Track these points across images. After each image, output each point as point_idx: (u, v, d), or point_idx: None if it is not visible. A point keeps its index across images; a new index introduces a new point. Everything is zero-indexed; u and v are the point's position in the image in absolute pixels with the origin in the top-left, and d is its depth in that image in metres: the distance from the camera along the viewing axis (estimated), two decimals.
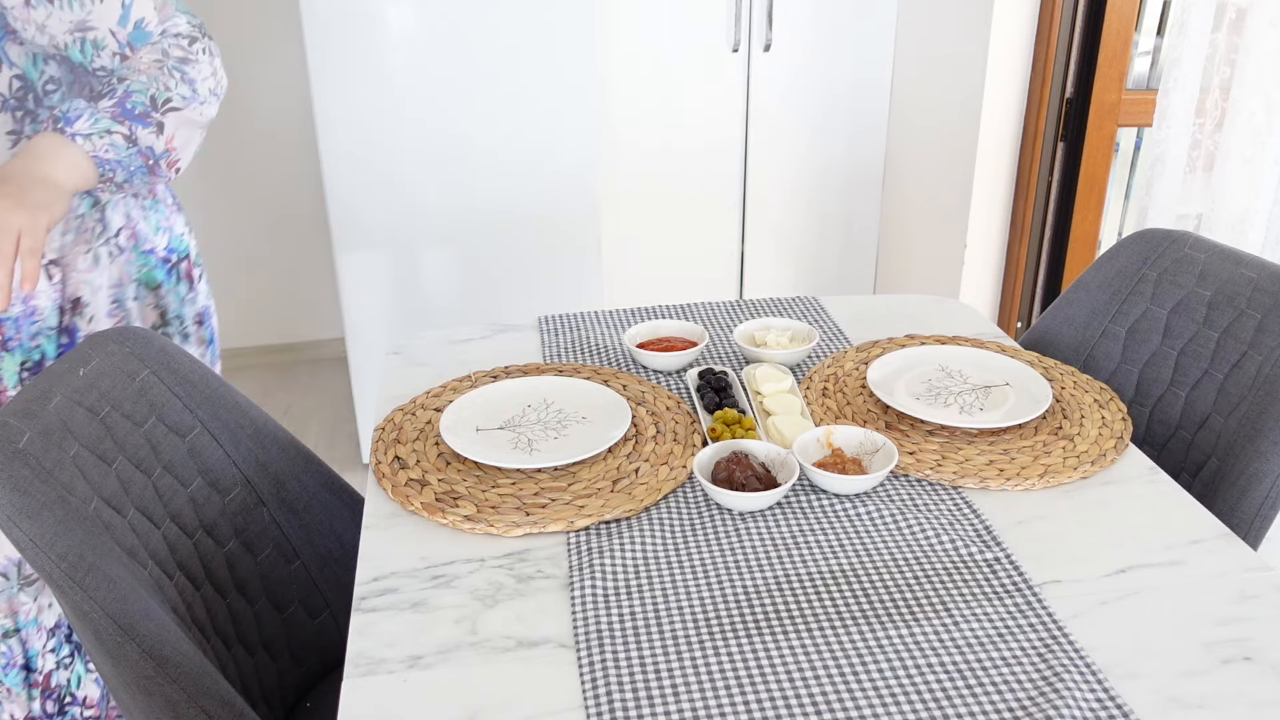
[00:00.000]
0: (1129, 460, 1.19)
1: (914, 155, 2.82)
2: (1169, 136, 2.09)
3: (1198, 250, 1.47)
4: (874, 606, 0.93)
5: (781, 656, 0.87)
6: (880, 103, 2.90)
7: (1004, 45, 2.36)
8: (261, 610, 1.18)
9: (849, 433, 1.17)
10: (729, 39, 2.74)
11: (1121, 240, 1.57)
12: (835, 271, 3.11)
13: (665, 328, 1.47)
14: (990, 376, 1.36)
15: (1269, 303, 1.34)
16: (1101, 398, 1.31)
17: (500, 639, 0.91)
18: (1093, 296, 1.55)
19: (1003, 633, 0.90)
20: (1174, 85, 2.05)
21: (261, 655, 1.17)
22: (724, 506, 1.08)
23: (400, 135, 2.40)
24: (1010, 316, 2.62)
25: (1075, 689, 0.83)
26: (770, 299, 1.66)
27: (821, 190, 2.99)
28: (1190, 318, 1.42)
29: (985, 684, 0.84)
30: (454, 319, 2.59)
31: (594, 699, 0.83)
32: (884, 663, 0.86)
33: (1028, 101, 2.42)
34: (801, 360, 1.42)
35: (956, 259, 2.60)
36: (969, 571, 0.98)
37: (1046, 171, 2.45)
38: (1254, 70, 1.88)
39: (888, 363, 1.38)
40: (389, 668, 0.87)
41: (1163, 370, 1.43)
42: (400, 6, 2.30)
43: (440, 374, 1.41)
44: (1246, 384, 1.31)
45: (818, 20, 2.77)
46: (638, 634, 0.90)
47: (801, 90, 2.85)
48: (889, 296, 1.70)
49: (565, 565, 1.00)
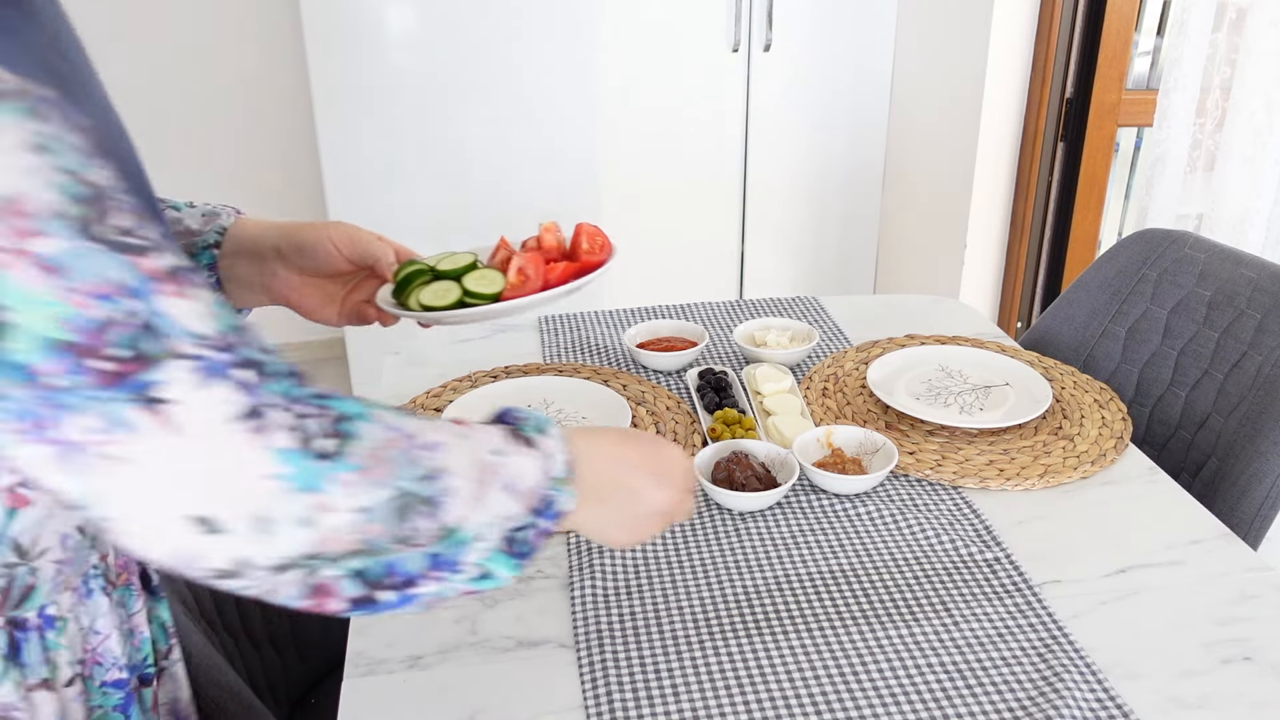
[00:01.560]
0: (1129, 460, 1.19)
1: (914, 155, 2.82)
2: (1169, 136, 2.09)
3: (1198, 250, 1.47)
4: (874, 606, 0.93)
5: (781, 656, 0.87)
6: (880, 102, 2.90)
7: (1004, 45, 2.36)
8: (269, 605, 1.18)
9: (849, 433, 1.17)
10: (729, 39, 2.74)
11: (1121, 240, 1.57)
12: (835, 271, 3.11)
13: (665, 328, 1.47)
14: (990, 376, 1.35)
15: (1269, 303, 1.33)
16: (1101, 398, 1.31)
17: (500, 639, 0.91)
18: (1093, 296, 1.55)
19: (1003, 633, 0.90)
20: (1174, 85, 2.05)
21: (268, 650, 1.17)
22: (724, 506, 1.08)
23: (400, 136, 2.40)
24: (1010, 316, 2.62)
25: (1075, 689, 0.83)
26: (770, 299, 1.66)
27: (821, 190, 2.99)
28: (1190, 318, 1.42)
29: (985, 684, 0.84)
30: None
31: (594, 699, 0.83)
32: (884, 663, 0.86)
33: (1028, 101, 2.42)
34: (801, 360, 1.42)
35: (956, 259, 2.60)
36: (969, 571, 0.98)
37: (1046, 171, 2.45)
38: (1254, 70, 1.88)
39: (888, 363, 1.38)
40: (389, 667, 0.87)
41: (1163, 370, 1.43)
42: (400, 7, 2.30)
43: (440, 374, 1.41)
44: (1246, 384, 1.31)
45: (818, 20, 2.77)
46: (638, 634, 0.90)
47: (801, 90, 2.85)
48: (889, 296, 1.70)
49: (565, 565, 1.00)
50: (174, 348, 0.51)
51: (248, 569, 0.55)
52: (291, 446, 0.53)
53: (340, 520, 0.55)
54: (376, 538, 0.57)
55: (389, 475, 0.57)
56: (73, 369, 0.48)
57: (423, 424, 0.61)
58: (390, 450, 0.58)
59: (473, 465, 0.62)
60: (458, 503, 0.61)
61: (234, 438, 0.52)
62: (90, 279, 0.49)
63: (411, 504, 0.58)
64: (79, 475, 0.51)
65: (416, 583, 0.61)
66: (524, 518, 0.65)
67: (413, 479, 0.58)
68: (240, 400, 0.52)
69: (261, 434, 0.52)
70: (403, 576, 0.60)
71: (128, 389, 0.49)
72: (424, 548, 0.60)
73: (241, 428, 0.52)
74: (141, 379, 0.50)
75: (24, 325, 0.47)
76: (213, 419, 0.51)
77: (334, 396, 0.58)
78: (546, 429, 0.69)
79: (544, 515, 0.66)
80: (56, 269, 0.48)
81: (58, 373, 0.48)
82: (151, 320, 0.50)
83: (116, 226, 0.50)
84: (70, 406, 0.49)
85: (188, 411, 0.50)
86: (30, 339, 0.48)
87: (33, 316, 0.47)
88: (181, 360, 0.50)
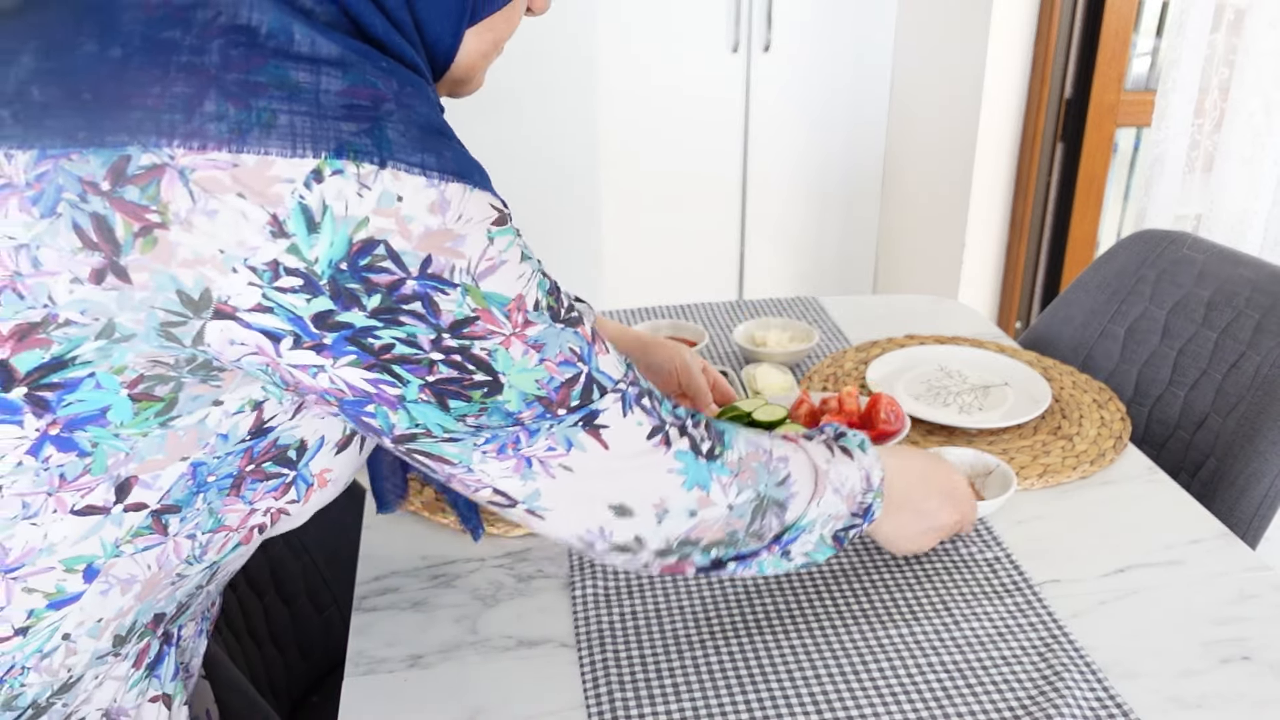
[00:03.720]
0: (1128, 460, 1.19)
1: (913, 155, 2.83)
2: (1168, 137, 2.09)
3: (1196, 250, 1.47)
4: (874, 606, 0.93)
5: (782, 656, 0.87)
6: (880, 103, 2.90)
7: (1003, 46, 2.36)
8: (270, 604, 1.18)
9: (959, 455, 1.10)
10: (729, 39, 2.74)
11: (1120, 240, 1.57)
12: (835, 271, 3.11)
13: (665, 328, 1.47)
14: (989, 376, 1.36)
15: (1267, 303, 1.34)
16: (1100, 397, 1.32)
17: (501, 638, 0.91)
18: (1092, 296, 1.55)
19: (1003, 632, 0.90)
20: (1173, 86, 2.05)
21: (269, 648, 1.17)
22: None
23: None
24: (1009, 316, 2.62)
25: (1075, 688, 0.83)
26: (770, 299, 1.66)
27: (821, 190, 2.99)
28: (1189, 318, 1.43)
29: (985, 683, 0.84)
30: None
31: (594, 699, 0.83)
32: (884, 662, 0.87)
33: (1027, 102, 2.42)
34: (801, 360, 1.42)
35: (956, 259, 2.60)
36: (969, 571, 0.98)
37: (1045, 172, 2.46)
38: (1253, 71, 1.89)
39: (887, 363, 1.38)
40: (389, 667, 0.88)
41: (1161, 370, 1.43)
42: None
43: None
44: (1245, 384, 1.31)
45: (818, 20, 2.77)
46: (638, 634, 0.90)
47: (801, 90, 2.85)
48: (889, 296, 1.70)
49: (566, 565, 1.00)
50: (606, 388, 0.67)
51: (640, 546, 0.72)
52: (686, 449, 0.71)
53: (715, 513, 0.73)
54: (737, 530, 0.75)
55: (753, 480, 0.75)
56: (541, 414, 0.65)
57: (771, 440, 0.79)
58: (753, 461, 0.75)
59: (811, 473, 0.79)
60: (800, 503, 0.78)
61: (649, 446, 0.69)
62: (559, 351, 0.64)
63: (768, 505, 0.76)
64: (529, 480, 0.67)
65: (757, 554, 0.79)
66: (848, 519, 0.82)
67: (770, 484, 0.76)
68: (649, 421, 0.70)
69: (666, 443, 0.70)
70: (747, 553, 0.78)
71: (578, 416, 0.66)
72: (769, 538, 0.78)
73: (654, 440, 0.70)
74: (588, 409, 0.66)
75: (514, 385, 0.63)
76: (636, 435, 0.69)
77: (702, 416, 0.75)
78: (866, 446, 0.85)
79: (865, 519, 0.83)
80: (538, 346, 0.63)
81: (531, 416, 0.64)
82: (595, 375, 0.67)
83: (567, 307, 0.66)
84: (535, 436, 0.65)
85: (616, 433, 0.68)
86: (517, 396, 0.63)
87: (520, 379, 0.63)
88: (610, 394, 0.67)
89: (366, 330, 0.58)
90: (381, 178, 0.55)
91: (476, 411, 0.63)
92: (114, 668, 0.70)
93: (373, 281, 0.56)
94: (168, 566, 0.67)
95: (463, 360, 0.61)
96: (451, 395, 0.62)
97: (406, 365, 0.60)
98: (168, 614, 0.72)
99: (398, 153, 0.56)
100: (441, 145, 0.59)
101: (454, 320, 0.59)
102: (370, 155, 0.55)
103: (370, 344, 0.58)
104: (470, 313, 0.59)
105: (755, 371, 1.33)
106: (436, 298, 0.58)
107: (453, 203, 0.58)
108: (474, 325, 0.60)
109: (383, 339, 0.58)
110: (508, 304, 0.61)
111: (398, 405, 0.62)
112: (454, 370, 0.61)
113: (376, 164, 0.55)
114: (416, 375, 0.60)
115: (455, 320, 0.59)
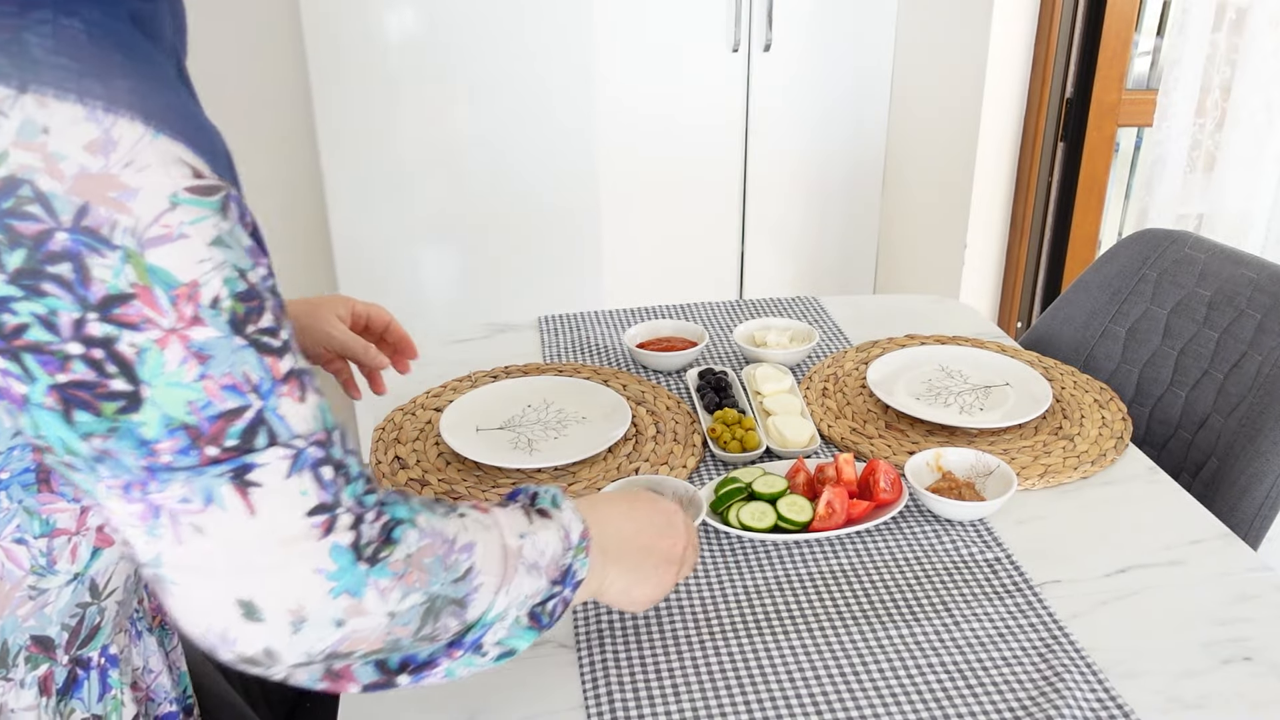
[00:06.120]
0: (1129, 460, 1.19)
1: (914, 155, 2.82)
2: (1169, 137, 2.09)
3: (1198, 250, 1.47)
4: (874, 606, 0.93)
5: (782, 656, 0.87)
6: (880, 103, 2.90)
7: (1004, 45, 2.36)
8: None
9: (959, 455, 1.12)
10: (729, 39, 2.73)
11: (1121, 240, 1.57)
12: (835, 271, 3.11)
13: (665, 328, 1.47)
14: (990, 376, 1.35)
15: (1269, 303, 1.33)
16: (1101, 398, 1.31)
17: None
18: (1093, 296, 1.55)
19: (1003, 632, 0.90)
20: (1174, 85, 2.05)
21: None
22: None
23: (399, 136, 2.40)
24: (1010, 316, 2.62)
25: (1075, 689, 0.83)
26: (770, 299, 1.66)
27: (822, 190, 2.99)
28: (1190, 318, 1.42)
29: (985, 684, 0.84)
30: (454, 319, 2.59)
31: (594, 699, 0.83)
32: (884, 663, 0.86)
33: (1028, 101, 2.42)
34: (801, 360, 1.42)
35: (956, 259, 2.60)
36: (969, 571, 0.98)
37: (1046, 171, 2.45)
38: (1254, 70, 1.88)
39: (887, 363, 1.38)
40: None
41: (1163, 370, 1.43)
42: (400, 7, 2.30)
43: (440, 374, 1.41)
44: (1246, 384, 1.31)
45: (818, 20, 2.77)
46: (638, 634, 0.90)
47: (801, 90, 2.85)
48: (889, 296, 1.70)
49: None
50: (278, 439, 0.54)
51: (274, 661, 0.57)
52: (346, 546, 0.56)
53: (370, 623, 0.58)
54: (401, 638, 0.61)
55: (423, 581, 0.60)
56: (185, 449, 0.52)
57: (459, 524, 0.64)
58: (427, 556, 0.61)
59: (501, 556, 0.65)
60: (485, 595, 0.64)
61: (305, 527, 0.55)
62: (227, 372, 0.52)
63: (442, 606, 0.62)
64: (154, 537, 0.54)
65: (437, 663, 0.64)
66: (546, 590, 0.68)
67: (446, 582, 0.62)
68: (318, 496, 0.55)
69: (327, 530, 0.56)
70: (421, 661, 0.64)
71: (226, 467, 0.53)
72: (446, 640, 0.64)
73: (314, 520, 0.55)
74: (240, 462, 0.53)
75: (158, 402, 0.51)
76: (293, 508, 0.55)
77: (390, 502, 0.61)
78: (561, 502, 0.73)
79: (565, 584, 0.70)
80: (202, 357, 0.51)
81: (171, 450, 0.51)
82: (268, 418, 0.53)
83: (261, 327, 0.54)
84: (169, 479, 0.52)
85: (269, 496, 0.54)
86: (159, 419, 0.51)
87: (167, 396, 0.51)
88: (278, 448, 0.54)
89: (3, 302, 0.48)
90: (22, 103, 0.47)
91: (105, 431, 0.51)
92: (18, 697, 0.66)
93: (17, 230, 0.47)
94: (10, 578, 0.62)
95: (104, 358, 0.50)
96: (80, 404, 0.50)
97: (39, 356, 0.49)
98: (56, 640, 0.67)
99: (44, 73, 0.47)
100: (118, 71, 0.49)
101: (106, 295, 0.49)
102: (5, 76, 0.47)
103: (3, 321, 0.49)
104: (128, 288, 0.49)
105: (755, 372, 1.33)
106: (90, 260, 0.48)
107: (121, 144, 0.48)
108: (128, 306, 0.49)
109: (19, 315, 0.49)
110: (176, 288, 0.50)
111: (22, 407, 0.51)
112: (90, 370, 0.50)
113: (16, 88, 0.47)
114: (46, 371, 0.50)
115: (107, 295, 0.49)
